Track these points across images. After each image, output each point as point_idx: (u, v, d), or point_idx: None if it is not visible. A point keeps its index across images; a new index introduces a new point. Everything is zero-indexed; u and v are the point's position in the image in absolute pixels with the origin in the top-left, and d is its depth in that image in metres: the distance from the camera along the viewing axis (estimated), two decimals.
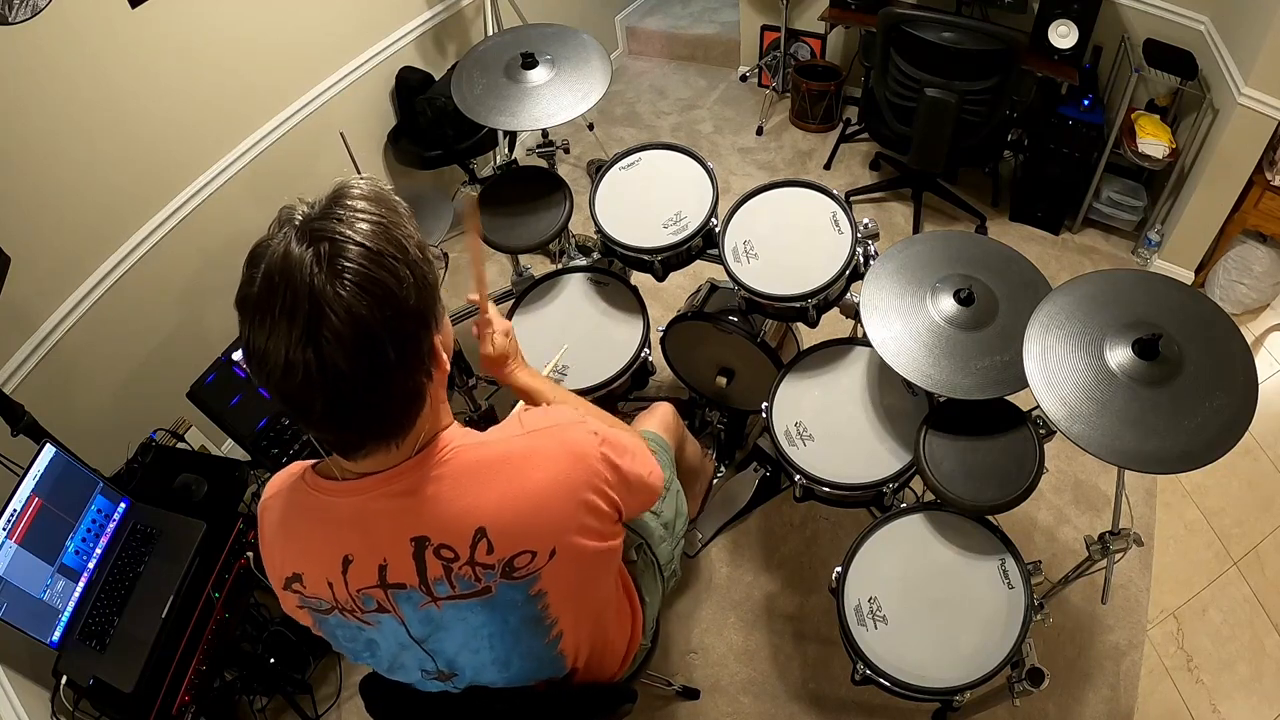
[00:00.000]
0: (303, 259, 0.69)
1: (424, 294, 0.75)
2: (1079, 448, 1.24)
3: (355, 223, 0.72)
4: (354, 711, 1.96)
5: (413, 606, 0.88)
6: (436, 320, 0.79)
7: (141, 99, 2.01)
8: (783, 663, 1.97)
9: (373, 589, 0.87)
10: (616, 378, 1.85)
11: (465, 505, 0.83)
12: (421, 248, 0.77)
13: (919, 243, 1.65)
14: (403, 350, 0.74)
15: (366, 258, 0.70)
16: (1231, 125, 2.40)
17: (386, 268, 0.71)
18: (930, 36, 2.48)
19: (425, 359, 0.78)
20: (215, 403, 1.91)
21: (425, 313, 0.76)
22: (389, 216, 0.75)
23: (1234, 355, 1.29)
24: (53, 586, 1.62)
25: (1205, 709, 1.87)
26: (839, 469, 1.62)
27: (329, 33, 2.53)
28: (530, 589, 0.88)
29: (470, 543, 0.83)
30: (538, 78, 1.99)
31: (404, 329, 0.73)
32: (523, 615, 0.91)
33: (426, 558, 0.84)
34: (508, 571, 0.85)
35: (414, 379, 0.77)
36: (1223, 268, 2.68)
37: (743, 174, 3.42)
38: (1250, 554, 2.13)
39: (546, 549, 0.86)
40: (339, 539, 0.86)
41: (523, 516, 0.84)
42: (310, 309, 0.68)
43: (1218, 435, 1.22)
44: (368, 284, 0.70)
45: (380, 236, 0.72)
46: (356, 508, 0.83)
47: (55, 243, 1.92)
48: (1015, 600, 1.43)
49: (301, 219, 0.72)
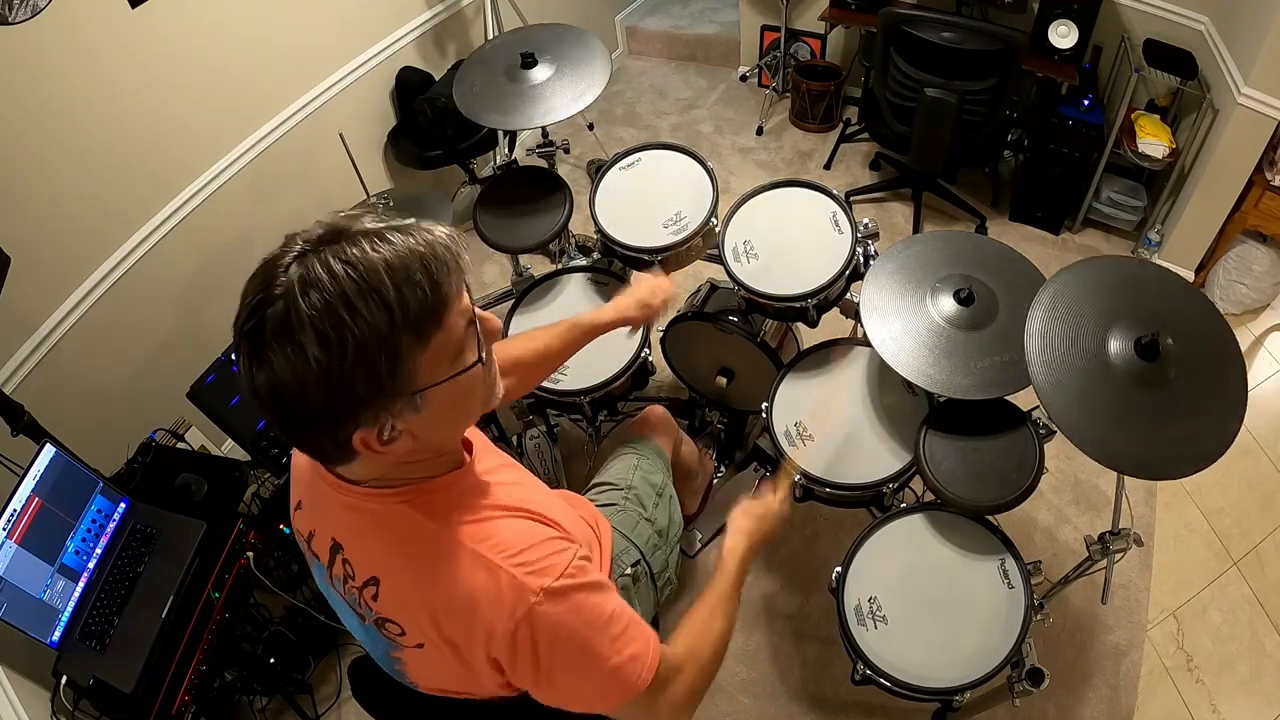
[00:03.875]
0: (274, 278, 0.69)
1: (340, 393, 0.69)
2: (1080, 450, 1.24)
3: (309, 289, 0.67)
4: (354, 712, 1.96)
5: (320, 574, 0.95)
6: (362, 425, 0.72)
7: (141, 99, 2.01)
8: (783, 663, 1.97)
9: (303, 538, 0.95)
10: (616, 378, 1.85)
11: (379, 553, 0.85)
12: (375, 354, 0.68)
13: (919, 243, 1.65)
14: (303, 422, 0.72)
15: (281, 332, 0.67)
16: (1231, 125, 2.40)
17: (294, 354, 0.67)
18: (930, 36, 2.48)
19: (340, 443, 0.73)
20: (215, 403, 1.91)
21: (334, 409, 0.70)
22: (353, 295, 0.67)
23: (1229, 356, 1.29)
24: (53, 586, 1.62)
25: (1205, 709, 1.87)
26: (839, 469, 1.62)
27: (329, 33, 2.53)
28: (390, 651, 0.91)
29: (365, 580, 0.86)
30: (537, 77, 1.99)
31: (302, 410, 0.70)
32: (382, 655, 0.95)
33: (336, 559, 0.89)
34: (379, 624, 0.88)
35: (325, 440, 0.74)
36: (1223, 268, 2.68)
37: (743, 174, 3.42)
38: (1250, 554, 2.13)
39: (415, 639, 0.86)
40: (303, 486, 0.94)
41: (411, 599, 0.83)
42: (254, 330, 0.69)
43: (1213, 438, 1.22)
44: (271, 355, 0.68)
45: (308, 323, 0.66)
46: (319, 481, 0.87)
47: (55, 243, 1.92)
48: (1015, 600, 1.43)
49: (299, 248, 0.70)
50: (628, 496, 1.45)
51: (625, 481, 1.47)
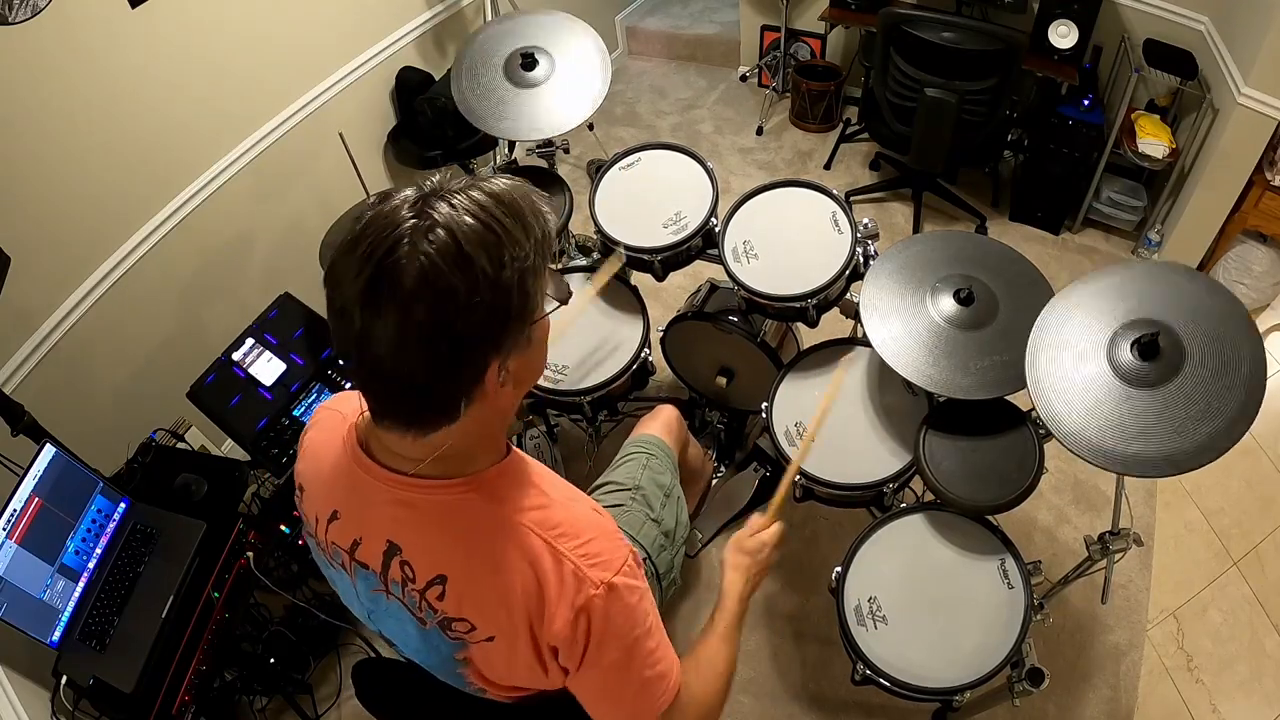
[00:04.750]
0: (401, 224, 0.68)
1: (493, 318, 0.70)
2: (1081, 458, 1.24)
3: (464, 216, 0.69)
4: (354, 712, 1.96)
5: (367, 585, 0.90)
6: (499, 350, 0.73)
7: (141, 99, 2.01)
8: (783, 663, 1.97)
9: (343, 550, 0.90)
10: (616, 378, 1.85)
11: (445, 550, 0.83)
12: (526, 273, 0.71)
13: (919, 243, 1.65)
14: (444, 357, 0.70)
15: (449, 255, 0.67)
16: (1231, 125, 2.40)
17: (465, 273, 0.67)
18: (930, 36, 2.48)
19: (469, 377, 0.73)
20: (215, 403, 1.91)
21: (486, 336, 0.71)
22: (505, 227, 0.70)
23: (1242, 351, 1.25)
24: (53, 586, 1.62)
25: (1205, 709, 1.87)
26: (839, 469, 1.62)
27: (329, 33, 2.53)
28: (456, 653, 0.88)
29: (430, 580, 0.84)
30: (538, 80, 1.99)
31: (454, 339, 0.69)
32: (444, 661, 0.92)
33: (392, 563, 0.85)
34: (445, 625, 0.86)
35: (448, 388, 0.73)
36: (1223, 268, 2.68)
37: (743, 174, 3.42)
38: (1250, 554, 2.13)
39: (486, 631, 0.84)
40: (339, 494, 0.88)
41: (483, 591, 0.83)
42: (375, 273, 0.67)
43: (1216, 434, 1.22)
44: (436, 279, 0.67)
45: (478, 241, 0.68)
46: (364, 483, 0.84)
47: (55, 243, 1.92)
48: (1015, 600, 1.43)
49: (430, 188, 0.71)
50: (634, 497, 1.44)
51: (633, 482, 1.47)
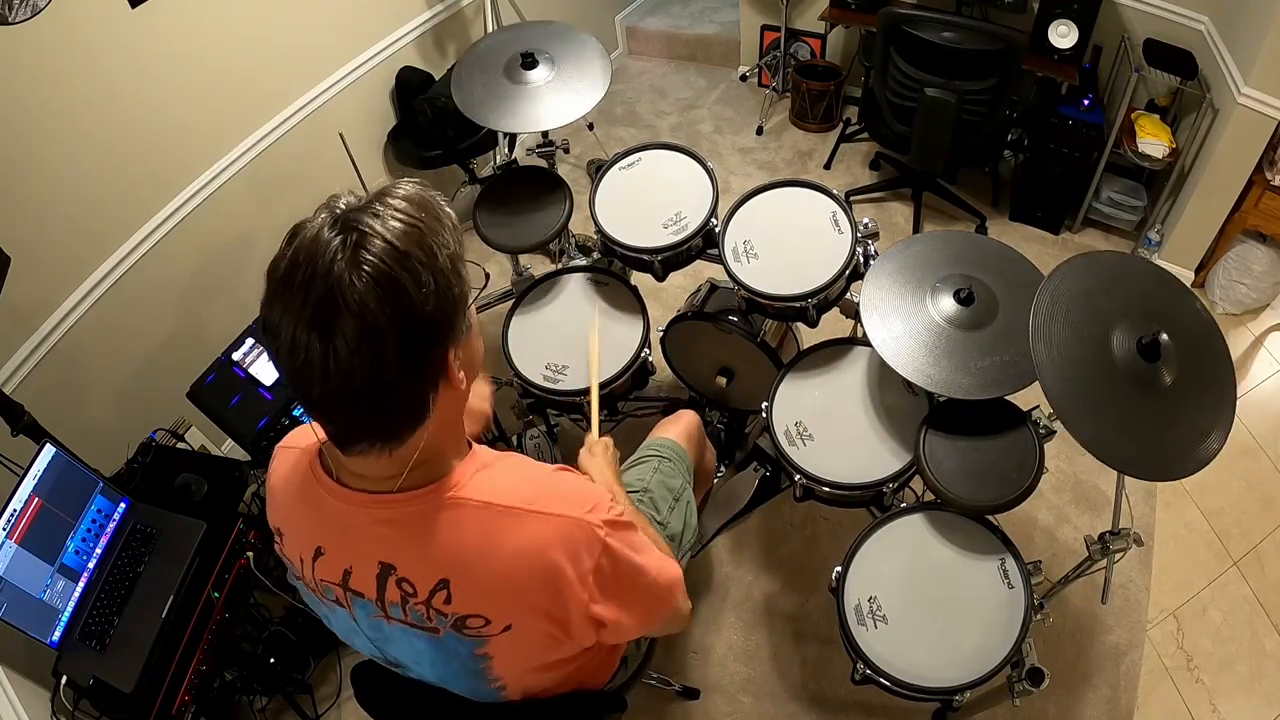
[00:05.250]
0: (329, 244, 0.70)
1: (444, 305, 0.74)
2: (1082, 446, 1.24)
3: (389, 220, 0.72)
4: (354, 712, 1.96)
5: (366, 613, 0.89)
6: (454, 336, 0.77)
7: (141, 99, 2.01)
8: (783, 663, 1.97)
9: (334, 584, 0.89)
10: (616, 378, 1.85)
11: (440, 553, 0.83)
12: (455, 259, 0.76)
13: (919, 243, 1.65)
14: (409, 354, 0.73)
15: (390, 255, 0.70)
16: (1231, 125, 2.40)
17: (408, 269, 0.71)
18: (930, 36, 2.48)
19: (434, 370, 0.76)
20: (215, 403, 1.91)
21: (441, 324, 0.75)
22: (426, 221, 0.74)
23: (1219, 357, 1.30)
24: (53, 586, 1.62)
25: (1205, 709, 1.87)
26: (839, 469, 1.62)
27: (329, 33, 2.53)
28: (476, 649, 0.88)
29: (432, 587, 0.83)
30: (538, 78, 1.99)
31: (414, 333, 0.72)
32: (464, 663, 0.91)
33: (388, 584, 0.85)
34: (458, 625, 0.85)
35: (417, 386, 0.76)
36: (1223, 268, 2.68)
37: (743, 174, 3.42)
38: (1250, 554, 2.13)
39: (502, 622, 0.85)
40: (318, 529, 0.88)
41: (489, 583, 0.83)
42: (324, 293, 0.68)
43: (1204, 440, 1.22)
44: (385, 280, 0.70)
45: (410, 238, 0.72)
46: (341, 512, 0.84)
47: (55, 243, 1.92)
48: (1015, 600, 1.43)
49: (343, 207, 0.73)
50: (642, 499, 1.45)
51: (642, 484, 1.48)
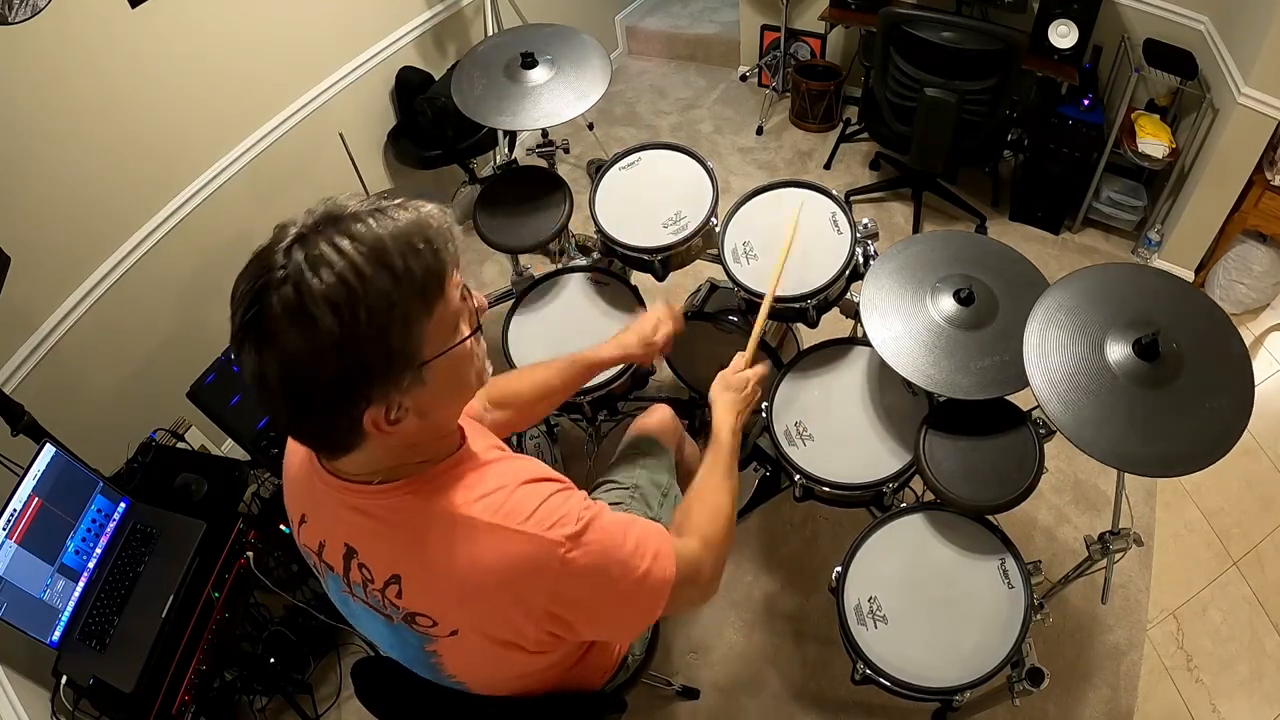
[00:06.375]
0: (274, 267, 0.69)
1: (347, 377, 0.70)
2: (1081, 450, 1.24)
3: (320, 268, 0.68)
4: (354, 711, 1.96)
5: (336, 586, 0.93)
6: (374, 401, 0.72)
7: (141, 99, 2.01)
8: (783, 663, 1.97)
9: (313, 552, 0.93)
10: (616, 378, 1.85)
11: (396, 551, 0.84)
12: (384, 329, 0.70)
13: (919, 243, 1.65)
14: (306, 407, 0.72)
15: (290, 308, 0.67)
16: (1231, 125, 2.40)
17: (303, 332, 0.68)
18: (930, 36, 2.48)
19: (345, 427, 0.74)
20: (215, 403, 1.91)
21: (342, 392, 0.71)
22: (359, 279, 0.68)
23: (1231, 355, 1.29)
24: (53, 586, 1.62)
25: (1205, 709, 1.87)
26: (839, 469, 1.62)
27: (329, 33, 2.53)
28: (425, 645, 0.89)
29: (386, 580, 0.85)
30: (538, 78, 1.99)
31: (305, 394, 0.71)
32: (418, 654, 0.92)
33: (352, 565, 0.87)
34: (409, 619, 0.87)
35: (329, 426, 0.75)
36: (1223, 267, 2.68)
37: (743, 174, 3.42)
38: (1250, 554, 2.13)
39: (448, 626, 0.85)
40: (306, 498, 0.92)
41: (439, 587, 0.83)
42: (247, 314, 0.69)
43: (1216, 437, 1.22)
44: (278, 338, 0.68)
45: (323, 298, 0.67)
46: (321, 489, 0.87)
47: (55, 243, 1.92)
48: (1015, 600, 1.43)
49: (318, 216, 0.73)
50: (633, 495, 1.45)
51: (631, 480, 1.47)
